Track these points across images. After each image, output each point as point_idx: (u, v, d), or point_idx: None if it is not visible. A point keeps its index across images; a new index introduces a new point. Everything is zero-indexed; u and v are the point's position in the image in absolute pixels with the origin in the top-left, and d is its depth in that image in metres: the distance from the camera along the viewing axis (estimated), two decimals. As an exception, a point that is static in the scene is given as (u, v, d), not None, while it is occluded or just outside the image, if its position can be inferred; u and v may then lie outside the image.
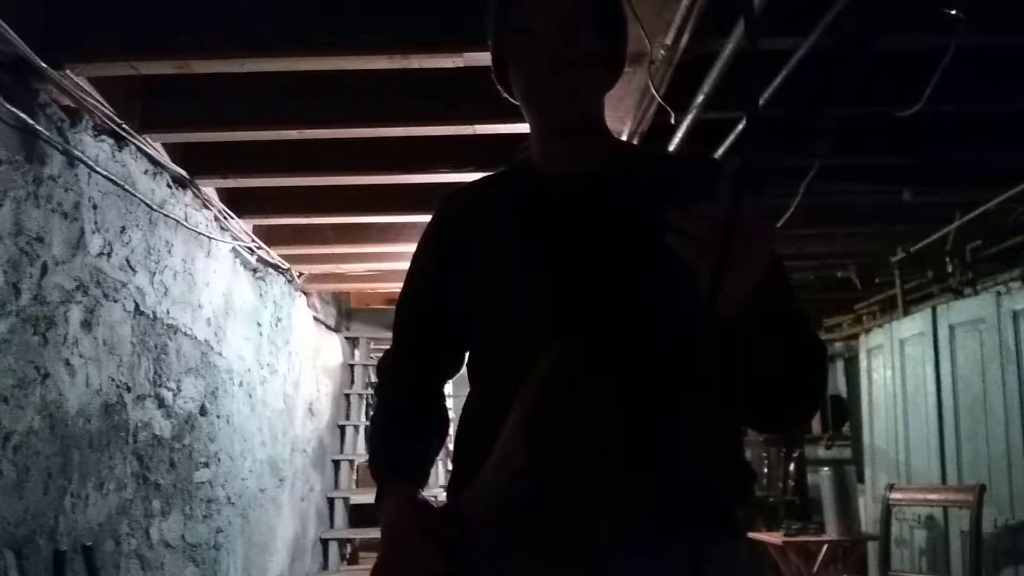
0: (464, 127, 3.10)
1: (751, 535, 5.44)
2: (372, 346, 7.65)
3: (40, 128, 2.59)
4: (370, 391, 7.85)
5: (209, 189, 3.92)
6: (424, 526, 1.04)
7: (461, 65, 2.63)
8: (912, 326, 5.08)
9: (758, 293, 0.90)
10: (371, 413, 1.28)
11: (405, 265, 1.30)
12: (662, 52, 2.47)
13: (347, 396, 7.21)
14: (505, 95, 1.20)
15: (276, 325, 5.18)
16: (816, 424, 7.76)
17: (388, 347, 1.31)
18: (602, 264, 1.08)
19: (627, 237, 1.08)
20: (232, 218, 4.17)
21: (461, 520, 1.02)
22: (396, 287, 1.31)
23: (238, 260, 4.46)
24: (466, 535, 1.01)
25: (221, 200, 4.09)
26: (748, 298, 0.90)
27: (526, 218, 1.15)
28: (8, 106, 2.45)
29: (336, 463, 6.87)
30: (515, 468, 0.99)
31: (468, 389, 1.20)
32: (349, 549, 6.85)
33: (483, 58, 1.25)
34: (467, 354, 1.24)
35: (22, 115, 2.51)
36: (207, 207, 3.93)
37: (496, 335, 1.15)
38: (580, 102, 1.12)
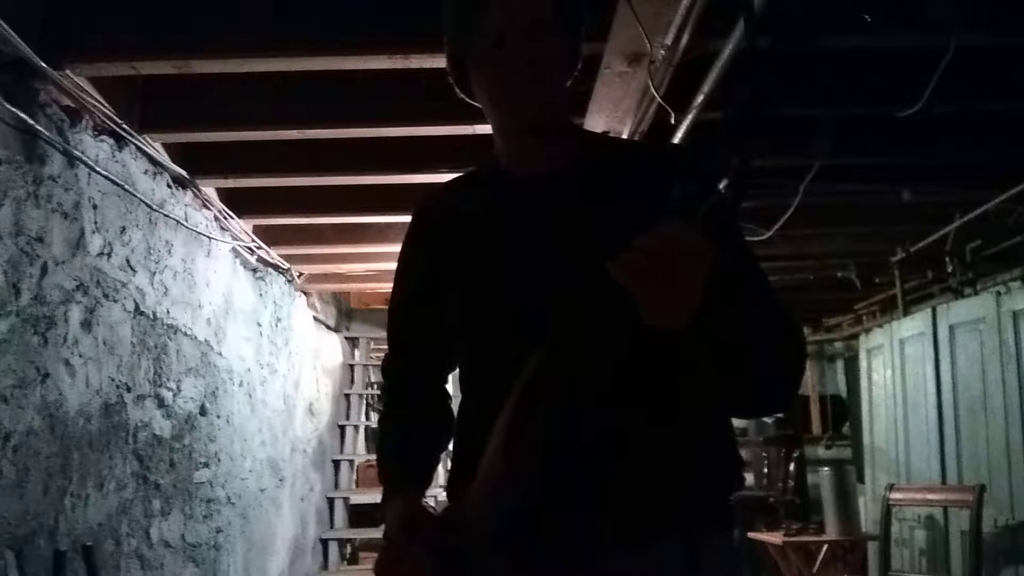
0: (464, 127, 3.09)
1: (751, 534, 5.45)
2: (372, 346, 7.65)
3: (40, 128, 2.59)
4: (369, 391, 7.86)
5: (209, 189, 3.92)
6: (420, 535, 1.05)
7: (461, 65, 2.62)
8: (912, 326, 5.08)
9: (696, 308, 0.91)
10: (377, 414, 1.31)
11: (405, 265, 1.30)
12: (662, 52, 2.46)
13: (347, 396, 7.20)
14: (462, 96, 1.22)
15: (276, 325, 5.18)
16: (816, 424, 7.77)
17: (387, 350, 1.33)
18: (578, 264, 1.08)
19: (601, 236, 1.08)
20: (232, 218, 4.17)
21: (463, 527, 1.02)
22: (396, 287, 1.33)
23: (238, 260, 4.46)
24: (468, 543, 1.01)
25: (221, 200, 4.09)
26: (684, 315, 0.92)
27: (500, 222, 1.17)
28: (8, 106, 2.45)
29: (336, 463, 6.87)
30: (497, 479, 1.00)
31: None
32: (349, 549, 6.85)
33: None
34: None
35: (22, 115, 2.51)
36: (207, 207, 3.93)
37: (479, 340, 1.18)
38: (552, 103, 1.14)
